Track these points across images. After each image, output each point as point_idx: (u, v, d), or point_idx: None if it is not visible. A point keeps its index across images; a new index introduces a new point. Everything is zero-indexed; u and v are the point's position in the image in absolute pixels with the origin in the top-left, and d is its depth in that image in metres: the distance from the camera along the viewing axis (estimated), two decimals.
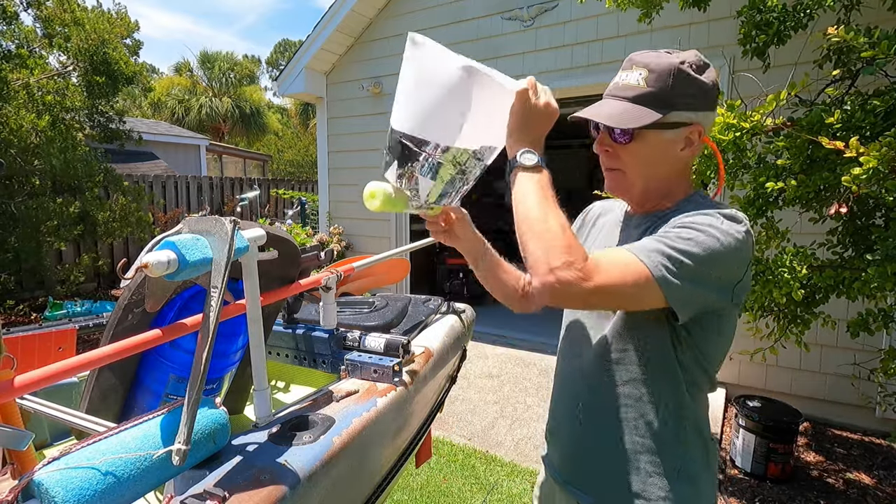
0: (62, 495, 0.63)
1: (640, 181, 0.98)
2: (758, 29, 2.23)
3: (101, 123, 6.57)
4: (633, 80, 0.93)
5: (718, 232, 0.85)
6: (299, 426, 0.95)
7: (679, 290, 0.83)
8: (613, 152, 0.97)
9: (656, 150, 0.95)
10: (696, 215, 0.88)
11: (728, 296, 0.90)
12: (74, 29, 5.72)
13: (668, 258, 0.82)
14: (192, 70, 22.07)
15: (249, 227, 0.96)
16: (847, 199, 1.81)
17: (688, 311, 0.87)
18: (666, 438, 0.95)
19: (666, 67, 0.92)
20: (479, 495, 2.67)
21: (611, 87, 0.97)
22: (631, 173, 0.97)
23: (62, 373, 0.73)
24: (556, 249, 0.80)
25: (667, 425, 0.95)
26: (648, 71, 0.92)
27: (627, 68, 0.95)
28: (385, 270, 2.07)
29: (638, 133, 0.93)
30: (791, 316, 2.14)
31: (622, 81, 0.95)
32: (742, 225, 0.89)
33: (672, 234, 0.86)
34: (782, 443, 2.75)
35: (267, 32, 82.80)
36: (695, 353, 0.94)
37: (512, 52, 4.51)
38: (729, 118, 1.97)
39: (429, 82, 0.95)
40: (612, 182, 1.01)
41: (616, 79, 0.97)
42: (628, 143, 0.94)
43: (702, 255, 0.83)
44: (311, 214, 8.08)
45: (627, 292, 0.82)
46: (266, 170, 16.93)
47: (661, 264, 0.82)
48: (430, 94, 0.95)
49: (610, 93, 0.96)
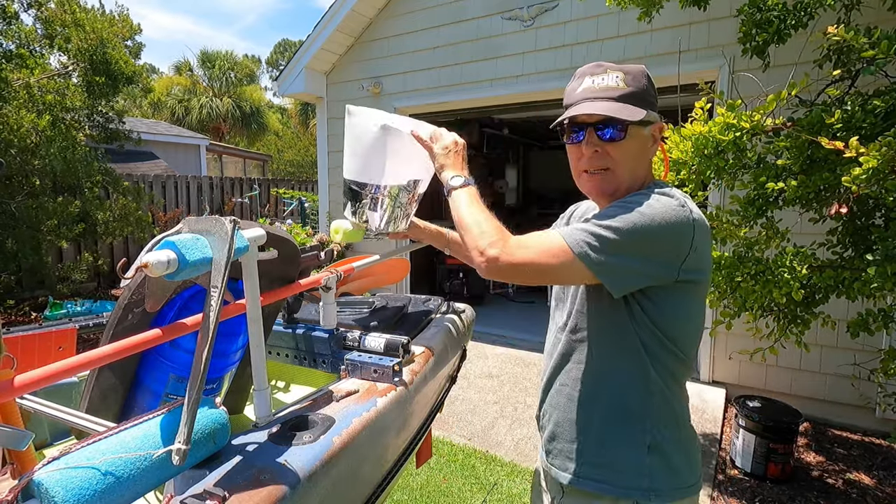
0: (62, 495, 0.63)
1: (627, 178, 1.02)
2: (758, 27, 2.23)
3: (101, 124, 6.57)
4: (612, 81, 0.98)
5: (645, 207, 0.92)
6: (299, 426, 0.95)
7: (602, 264, 0.90)
8: (602, 151, 0.99)
9: (640, 147, 1.01)
10: (634, 195, 0.96)
11: (673, 272, 0.93)
12: (74, 29, 5.72)
13: (591, 234, 0.91)
14: (192, 70, 22.07)
15: (249, 227, 0.96)
16: (847, 200, 1.81)
17: (619, 285, 0.94)
18: (634, 412, 1.00)
19: (638, 70, 1.00)
20: (479, 495, 2.67)
21: (584, 91, 1.00)
22: (619, 171, 1.01)
23: (62, 372, 0.73)
24: (483, 235, 0.95)
25: (634, 400, 1.00)
26: (624, 73, 0.99)
27: (599, 73, 1.00)
28: (385, 270, 2.07)
29: (630, 130, 0.98)
30: (791, 316, 2.14)
31: (600, 84, 0.99)
32: (675, 200, 0.95)
33: (601, 213, 0.95)
34: (782, 443, 2.75)
35: (267, 32, 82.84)
36: (655, 333, 0.98)
37: (512, 52, 4.51)
38: (729, 118, 1.97)
39: (360, 140, 1.27)
40: (601, 183, 1.03)
41: (587, 83, 1.00)
42: (622, 141, 0.98)
43: (624, 228, 0.90)
44: (311, 214, 8.07)
45: (550, 267, 0.92)
46: (266, 170, 16.93)
47: (583, 240, 0.91)
48: (362, 148, 1.27)
49: (589, 96, 0.99)
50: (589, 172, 1.03)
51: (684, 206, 0.95)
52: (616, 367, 1.01)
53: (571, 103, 1.02)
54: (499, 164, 8.38)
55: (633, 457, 1.00)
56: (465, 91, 4.81)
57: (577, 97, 1.00)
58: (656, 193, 0.95)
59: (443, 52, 4.93)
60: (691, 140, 2.07)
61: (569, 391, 1.07)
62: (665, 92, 3.98)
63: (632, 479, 0.99)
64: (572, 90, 1.03)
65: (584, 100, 0.99)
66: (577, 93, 1.01)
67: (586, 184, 1.05)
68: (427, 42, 5.03)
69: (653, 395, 1.00)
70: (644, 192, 0.97)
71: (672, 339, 0.98)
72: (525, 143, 8.58)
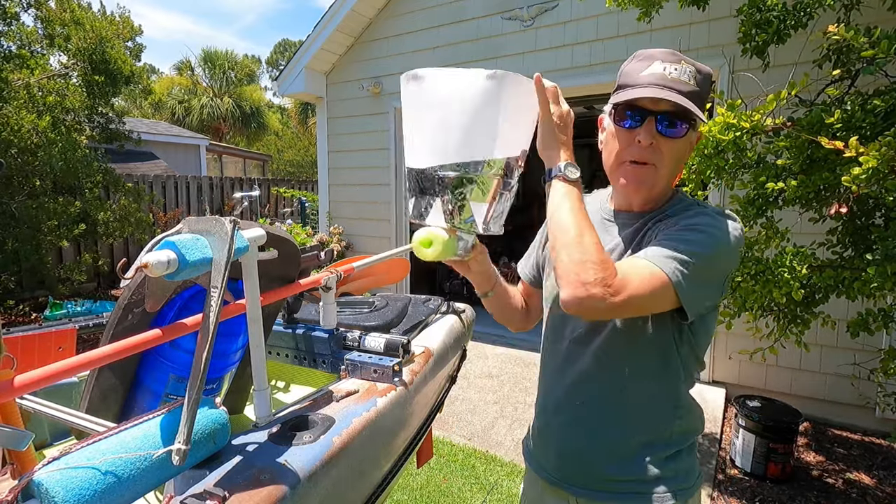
0: (62, 495, 0.63)
1: (666, 177, 0.97)
2: (757, 27, 2.23)
3: (101, 124, 6.57)
4: (685, 76, 0.91)
5: (719, 232, 0.89)
6: (299, 426, 0.95)
7: (690, 290, 0.86)
8: (656, 145, 0.92)
9: (685, 150, 0.97)
10: (698, 216, 0.92)
11: (724, 288, 0.94)
12: (74, 28, 5.72)
13: (682, 263, 0.85)
14: (192, 70, 22.07)
15: (249, 227, 0.96)
16: (847, 199, 1.81)
17: (696, 309, 0.90)
18: (663, 426, 1.00)
19: (707, 71, 0.94)
20: (479, 495, 2.67)
21: (652, 75, 0.91)
22: (663, 169, 0.94)
23: (62, 373, 0.73)
24: (589, 265, 0.80)
25: (665, 416, 1.00)
26: (697, 71, 0.92)
27: (673, 62, 0.91)
28: (385, 270, 2.07)
29: (689, 129, 0.93)
30: (791, 316, 2.14)
31: (672, 74, 0.90)
32: (738, 223, 0.93)
33: (679, 236, 0.89)
34: (782, 443, 2.75)
35: (267, 32, 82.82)
36: (692, 350, 0.98)
37: (512, 52, 4.51)
38: (729, 118, 1.97)
39: (452, 106, 0.91)
40: (641, 175, 0.95)
41: (657, 69, 0.91)
42: (679, 138, 0.92)
43: (708, 255, 0.87)
44: (311, 214, 8.08)
45: (650, 301, 0.85)
46: (266, 170, 16.93)
47: (677, 269, 0.84)
48: (459, 115, 0.91)
49: (658, 82, 0.90)
50: (636, 163, 0.94)
51: (742, 229, 0.94)
52: (650, 386, 0.98)
53: (633, 84, 0.92)
54: None
55: (661, 465, 0.99)
56: None
57: (644, 80, 0.91)
58: (722, 216, 0.92)
59: (443, 52, 4.93)
60: None
61: (592, 409, 1.02)
62: None
63: (658, 485, 0.99)
64: (636, 70, 0.93)
65: (652, 85, 0.90)
66: (644, 75, 0.91)
67: (628, 173, 0.96)
68: (427, 42, 5.03)
69: (681, 409, 1.00)
70: (709, 212, 0.93)
71: (700, 345, 0.98)
72: None
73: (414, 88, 0.93)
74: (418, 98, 0.94)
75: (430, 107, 0.93)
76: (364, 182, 5.68)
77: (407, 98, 0.95)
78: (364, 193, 5.72)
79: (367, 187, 5.67)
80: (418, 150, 0.96)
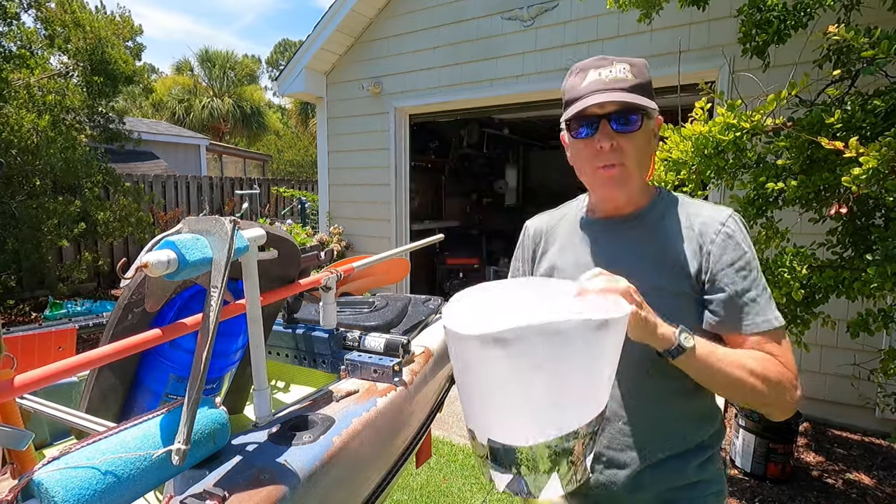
0: (62, 495, 0.63)
1: (637, 172, 0.99)
2: (758, 27, 2.23)
3: (102, 124, 6.57)
4: (621, 73, 0.94)
5: (751, 247, 0.97)
6: (299, 426, 0.95)
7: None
8: (617, 144, 0.94)
9: (647, 140, 0.99)
10: (742, 232, 0.96)
11: None
12: (74, 29, 5.72)
13: (775, 304, 0.95)
14: (192, 70, 22.07)
15: (249, 226, 0.96)
16: (847, 200, 1.81)
17: None
18: (706, 439, 1.03)
19: (641, 62, 0.97)
20: (479, 495, 2.67)
21: (591, 83, 0.94)
22: (631, 164, 0.96)
23: (62, 372, 0.73)
24: (785, 387, 0.89)
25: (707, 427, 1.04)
26: (630, 65, 0.95)
27: (605, 65, 0.95)
28: (385, 270, 2.07)
29: (643, 120, 0.95)
30: (791, 316, 2.14)
31: (608, 76, 0.94)
32: (736, 214, 1.00)
33: (750, 268, 0.94)
34: (782, 443, 2.75)
35: (266, 32, 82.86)
36: None
37: (512, 52, 4.51)
38: (729, 118, 1.97)
39: (560, 358, 0.71)
40: (615, 177, 0.97)
41: (593, 76, 0.95)
42: (635, 132, 0.94)
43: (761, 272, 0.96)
44: (311, 214, 8.08)
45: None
46: (266, 169, 16.93)
47: (778, 314, 0.93)
48: (559, 381, 0.72)
49: (598, 87, 0.93)
50: (604, 167, 0.97)
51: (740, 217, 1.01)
52: (695, 401, 1.01)
53: (577, 97, 0.95)
54: (499, 164, 8.39)
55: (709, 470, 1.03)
56: (465, 91, 4.81)
57: (585, 90, 0.94)
58: (743, 224, 0.98)
59: (443, 52, 4.93)
60: (691, 140, 2.07)
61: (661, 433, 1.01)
62: (665, 92, 3.98)
63: (708, 489, 1.02)
64: (575, 85, 0.97)
65: (593, 92, 0.93)
66: (584, 86, 0.95)
67: (603, 179, 0.98)
68: (427, 42, 5.03)
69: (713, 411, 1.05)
70: (741, 227, 0.97)
71: None
72: (525, 143, 8.58)
73: (499, 354, 0.70)
74: (494, 362, 0.72)
75: (528, 362, 0.71)
76: (364, 182, 5.69)
77: (495, 358, 0.71)
78: (364, 193, 5.72)
79: (367, 187, 5.67)
80: (514, 420, 0.76)
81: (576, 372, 0.73)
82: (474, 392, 0.78)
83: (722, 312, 0.93)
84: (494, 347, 0.70)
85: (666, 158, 2.17)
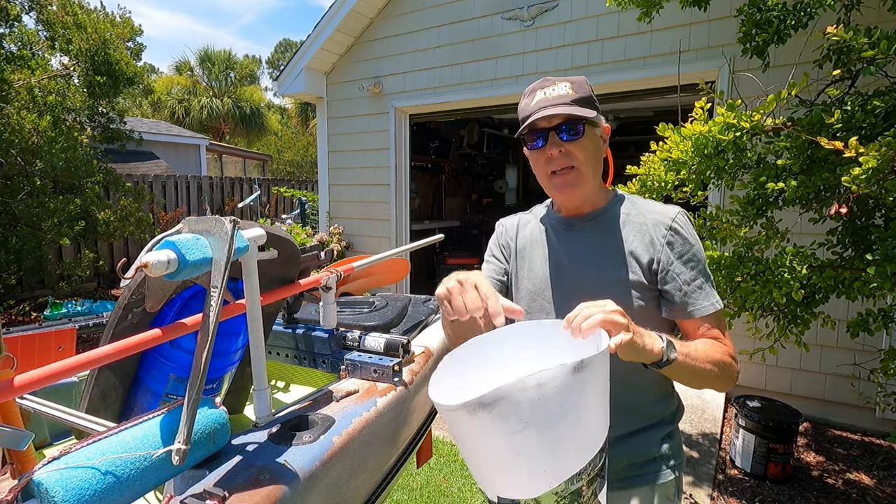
0: (62, 495, 0.63)
1: (591, 174, 1.09)
2: (758, 27, 2.23)
3: (102, 124, 6.58)
4: (562, 90, 1.06)
5: (696, 237, 1.10)
6: (299, 426, 0.95)
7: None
8: (566, 150, 1.06)
9: (596, 145, 1.09)
10: (693, 240, 1.08)
11: None
12: (76, 31, 5.73)
13: (713, 285, 1.08)
14: (192, 70, 22.05)
15: (249, 226, 0.96)
16: (847, 200, 1.80)
17: None
18: (666, 413, 1.16)
19: (581, 79, 1.10)
20: (479, 495, 2.67)
21: (538, 102, 1.07)
22: (583, 167, 1.08)
23: (62, 372, 0.73)
24: (726, 366, 1.02)
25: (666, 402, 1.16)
26: (571, 82, 1.08)
27: (548, 85, 1.08)
28: (385, 270, 2.07)
29: (586, 128, 1.06)
30: (791, 316, 2.14)
31: (551, 94, 1.06)
32: (679, 208, 1.13)
33: (694, 257, 1.07)
34: (782, 443, 2.75)
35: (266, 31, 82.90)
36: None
37: (512, 52, 4.51)
38: (729, 118, 1.97)
39: (545, 409, 0.71)
40: (568, 180, 1.09)
41: (540, 96, 1.07)
42: (579, 139, 1.06)
43: (704, 258, 1.10)
44: (311, 214, 8.08)
45: None
46: (266, 170, 16.93)
47: (718, 297, 1.07)
48: (554, 431, 0.72)
49: (544, 104, 1.06)
50: (557, 173, 1.09)
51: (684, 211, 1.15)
52: (653, 378, 1.10)
53: (528, 115, 1.08)
54: (499, 164, 8.39)
55: (665, 445, 1.14)
56: (466, 91, 4.81)
57: (533, 108, 1.07)
58: (690, 223, 1.11)
59: (443, 52, 4.93)
60: (691, 140, 2.07)
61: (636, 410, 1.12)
62: (665, 92, 3.98)
63: (668, 462, 1.12)
64: (526, 105, 1.10)
65: (540, 108, 1.06)
66: (532, 105, 1.08)
67: (557, 183, 1.10)
68: (427, 42, 5.03)
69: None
70: (688, 227, 1.09)
71: None
72: None
73: (485, 416, 0.70)
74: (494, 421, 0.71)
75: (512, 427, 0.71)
76: (364, 182, 5.69)
77: (488, 421, 0.71)
78: (364, 193, 5.72)
79: (367, 187, 5.67)
80: (517, 475, 0.75)
81: (564, 418, 0.72)
82: (473, 455, 0.79)
83: (675, 300, 1.05)
84: (480, 411, 0.70)
85: (666, 158, 2.17)
